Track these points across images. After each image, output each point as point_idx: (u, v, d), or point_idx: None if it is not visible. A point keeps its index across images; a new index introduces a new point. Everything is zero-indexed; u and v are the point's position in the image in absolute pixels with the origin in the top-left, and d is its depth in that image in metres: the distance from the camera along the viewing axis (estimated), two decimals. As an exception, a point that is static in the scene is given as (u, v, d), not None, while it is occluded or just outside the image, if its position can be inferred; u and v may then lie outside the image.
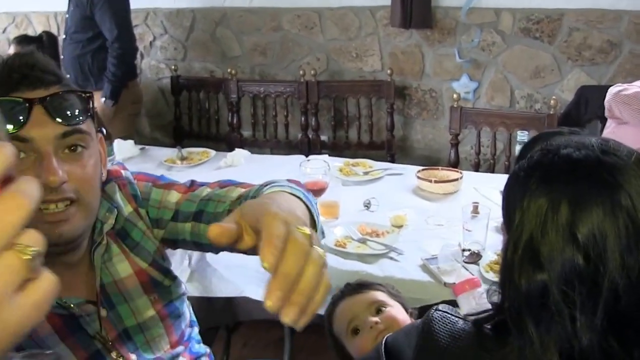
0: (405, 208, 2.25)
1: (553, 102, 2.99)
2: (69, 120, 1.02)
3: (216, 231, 0.68)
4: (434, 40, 3.83)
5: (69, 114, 1.02)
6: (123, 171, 1.25)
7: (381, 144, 3.85)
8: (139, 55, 4.19)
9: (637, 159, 0.86)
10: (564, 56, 3.58)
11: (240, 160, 2.87)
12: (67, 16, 3.66)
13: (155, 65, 4.61)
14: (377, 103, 3.96)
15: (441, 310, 1.01)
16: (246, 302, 1.96)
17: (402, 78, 3.95)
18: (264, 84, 4.05)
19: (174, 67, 4.24)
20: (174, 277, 1.28)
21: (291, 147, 3.90)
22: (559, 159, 0.88)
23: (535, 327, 0.85)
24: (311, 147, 3.87)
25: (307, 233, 0.66)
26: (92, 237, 1.15)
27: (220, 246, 0.86)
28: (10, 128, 0.97)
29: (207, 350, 1.38)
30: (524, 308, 0.86)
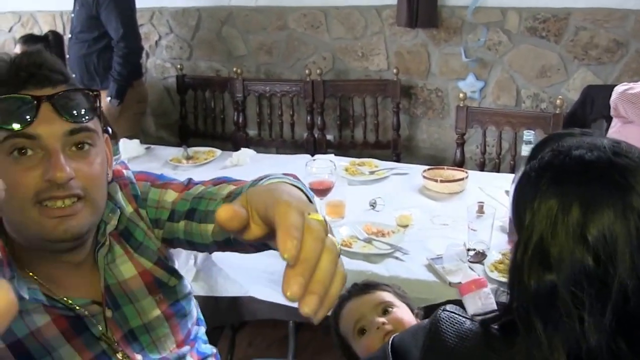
0: (411, 208, 2.25)
1: (559, 102, 2.99)
2: (76, 118, 1.02)
3: (226, 214, 0.61)
4: (440, 39, 3.82)
5: (77, 111, 1.02)
6: (125, 171, 1.24)
7: (387, 143, 3.85)
8: (144, 54, 4.20)
9: None
10: (570, 55, 3.57)
11: (246, 160, 2.87)
12: (72, 15, 3.67)
13: (160, 65, 4.61)
14: (382, 102, 3.96)
15: (448, 311, 1.00)
16: (251, 302, 1.96)
17: (408, 77, 3.95)
18: (270, 83, 4.05)
19: (179, 66, 4.24)
20: (180, 276, 1.27)
21: (297, 147, 3.90)
22: (571, 160, 0.88)
23: (543, 327, 0.85)
24: (317, 146, 3.88)
25: (321, 219, 0.63)
26: (96, 238, 1.14)
27: (228, 232, 0.76)
28: (17, 126, 0.97)
29: (213, 350, 1.37)
30: (533, 308, 0.86)
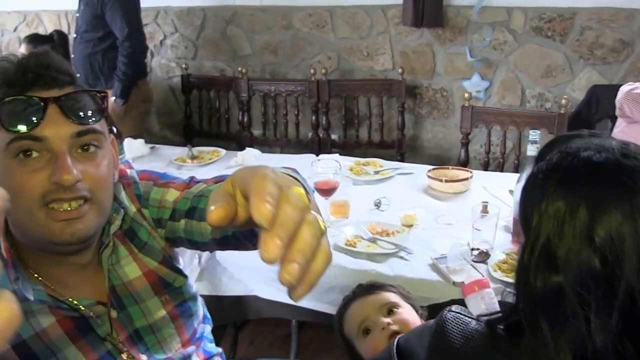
0: (416, 207, 2.25)
1: (564, 102, 2.98)
2: (83, 120, 1.02)
3: (217, 217, 0.59)
4: (445, 39, 3.82)
5: (83, 113, 1.02)
6: (128, 170, 1.24)
7: (392, 143, 3.84)
8: (149, 54, 4.21)
9: None
10: (575, 55, 3.56)
11: (251, 159, 2.87)
12: (77, 15, 3.68)
13: (165, 64, 4.62)
14: (387, 102, 3.95)
15: (454, 311, 1.00)
16: (255, 301, 1.96)
17: (413, 77, 3.94)
18: (275, 82, 4.04)
19: (184, 66, 4.25)
20: (185, 276, 1.26)
21: (302, 146, 3.90)
22: (579, 161, 0.87)
23: (549, 328, 0.85)
24: (322, 146, 3.87)
25: (302, 192, 0.58)
26: (101, 238, 1.14)
27: (222, 229, 0.74)
28: (24, 128, 0.97)
29: (219, 350, 1.37)
30: (539, 309, 0.86)
